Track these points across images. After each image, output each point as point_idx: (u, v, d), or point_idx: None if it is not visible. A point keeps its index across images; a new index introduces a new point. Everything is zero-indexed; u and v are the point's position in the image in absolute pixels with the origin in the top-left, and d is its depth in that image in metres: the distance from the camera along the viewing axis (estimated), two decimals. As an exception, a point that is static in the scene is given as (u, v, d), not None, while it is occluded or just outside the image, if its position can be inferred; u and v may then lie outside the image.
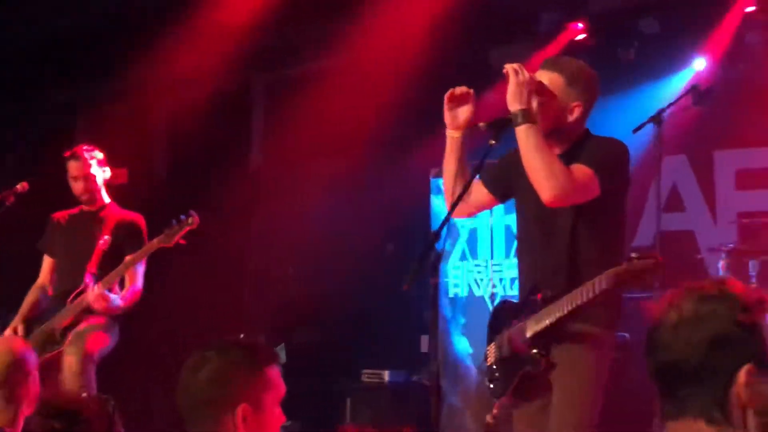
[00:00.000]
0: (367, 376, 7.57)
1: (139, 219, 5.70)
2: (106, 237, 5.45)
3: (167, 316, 9.10)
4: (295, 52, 9.13)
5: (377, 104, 8.24)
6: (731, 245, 6.21)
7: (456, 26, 7.89)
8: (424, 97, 8.16)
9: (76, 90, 10.10)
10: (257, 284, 9.39)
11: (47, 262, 5.73)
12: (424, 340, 7.92)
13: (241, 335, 7.71)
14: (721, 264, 6.12)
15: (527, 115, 3.61)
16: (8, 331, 5.44)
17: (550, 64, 3.80)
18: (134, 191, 9.87)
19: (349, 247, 8.56)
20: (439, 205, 7.89)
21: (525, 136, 3.60)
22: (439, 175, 8.04)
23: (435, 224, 7.60)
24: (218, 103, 9.23)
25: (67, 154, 5.60)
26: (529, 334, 3.69)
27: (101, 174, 5.62)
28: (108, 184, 5.85)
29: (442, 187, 4.11)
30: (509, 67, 3.69)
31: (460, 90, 3.81)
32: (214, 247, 9.02)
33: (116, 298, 5.43)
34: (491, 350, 3.95)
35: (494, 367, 3.89)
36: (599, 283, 3.43)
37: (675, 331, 1.91)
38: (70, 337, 5.30)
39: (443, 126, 4.08)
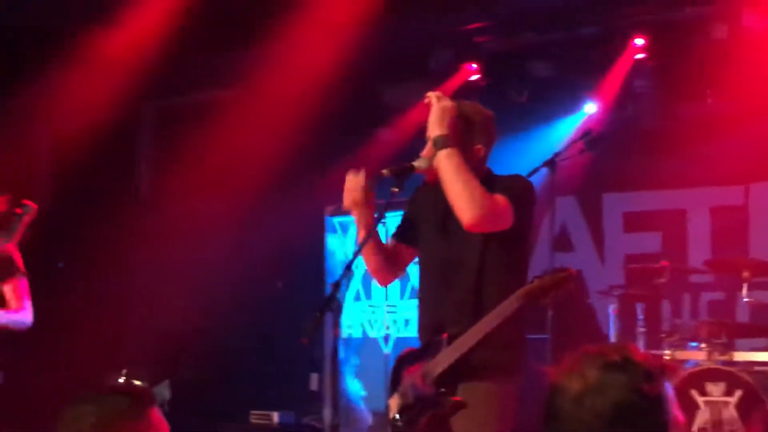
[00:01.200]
0: (255, 417, 7.38)
1: (7, 249, 5.73)
2: None
3: (48, 350, 8.78)
4: (189, 82, 8.98)
5: (272, 139, 8.15)
6: (621, 291, 6.29)
7: (350, 64, 7.89)
8: (319, 134, 8.13)
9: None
10: (142, 317, 9.15)
11: None
12: (314, 378, 7.82)
13: (123, 372, 7.51)
14: (612, 308, 6.20)
15: (448, 140, 3.59)
16: None
17: None
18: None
19: (239, 282, 8.41)
20: (334, 243, 7.82)
21: (447, 160, 3.56)
22: (334, 213, 7.99)
23: (329, 263, 7.54)
24: (106, 131, 9.00)
25: None
26: (434, 375, 3.62)
27: None
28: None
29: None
30: (432, 95, 3.67)
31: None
32: (99, 278, 8.77)
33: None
34: (393, 401, 3.87)
35: (398, 417, 3.80)
36: (510, 304, 3.38)
37: (578, 400, 1.82)
38: None
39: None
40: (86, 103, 8.58)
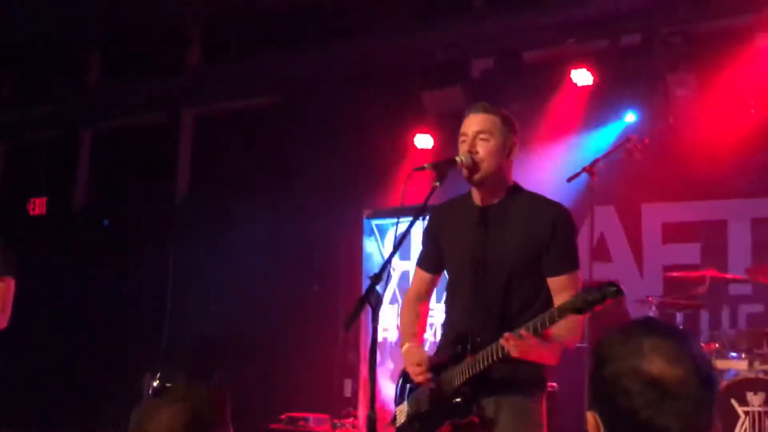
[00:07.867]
0: (289, 420, 7.35)
1: None
2: None
3: (82, 352, 8.85)
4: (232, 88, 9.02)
5: (311, 144, 8.16)
6: (659, 297, 6.23)
7: (392, 70, 7.91)
8: (358, 136, 8.13)
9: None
10: (177, 320, 9.18)
11: None
12: (348, 383, 7.80)
13: (158, 374, 7.55)
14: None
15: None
16: None
17: (483, 108, 3.69)
18: (53, 222, 9.65)
19: (275, 285, 8.42)
20: (372, 247, 7.81)
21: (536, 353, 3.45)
22: (372, 216, 7.96)
23: (367, 265, 7.51)
24: (147, 134, 9.09)
25: None
26: (456, 382, 3.56)
27: None
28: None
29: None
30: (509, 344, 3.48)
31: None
32: (136, 279, 8.85)
33: None
34: (402, 409, 3.82)
35: (408, 424, 3.76)
36: (551, 318, 3.27)
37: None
38: None
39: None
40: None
